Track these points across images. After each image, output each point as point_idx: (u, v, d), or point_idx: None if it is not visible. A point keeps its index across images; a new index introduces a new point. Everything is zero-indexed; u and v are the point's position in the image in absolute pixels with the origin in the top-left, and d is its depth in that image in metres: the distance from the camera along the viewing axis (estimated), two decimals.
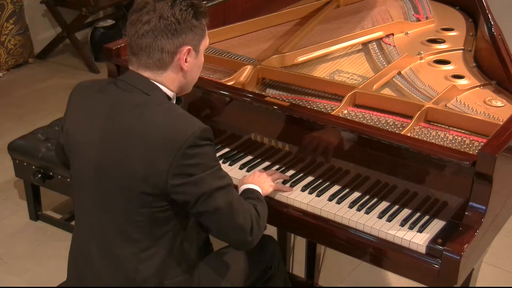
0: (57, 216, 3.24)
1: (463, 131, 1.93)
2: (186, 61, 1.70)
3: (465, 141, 1.88)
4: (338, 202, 1.90)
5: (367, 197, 1.92)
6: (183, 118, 1.65)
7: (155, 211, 1.66)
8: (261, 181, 1.90)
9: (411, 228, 1.79)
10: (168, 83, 1.71)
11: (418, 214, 1.84)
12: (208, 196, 1.63)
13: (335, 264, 2.86)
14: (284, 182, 2.00)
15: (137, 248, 1.70)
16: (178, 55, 1.68)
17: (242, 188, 1.89)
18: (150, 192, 1.63)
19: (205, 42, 1.75)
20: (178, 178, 1.60)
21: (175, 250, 1.73)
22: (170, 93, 1.73)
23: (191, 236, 1.78)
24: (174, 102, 1.77)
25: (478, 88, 2.18)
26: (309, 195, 1.94)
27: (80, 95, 1.78)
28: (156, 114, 1.64)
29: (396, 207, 1.87)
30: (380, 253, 1.79)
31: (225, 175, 1.69)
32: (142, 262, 1.70)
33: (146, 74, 1.70)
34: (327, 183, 1.98)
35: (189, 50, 1.69)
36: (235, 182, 1.89)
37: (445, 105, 2.04)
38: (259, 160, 2.11)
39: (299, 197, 1.93)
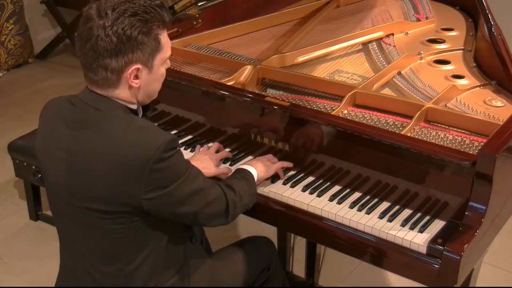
0: None
1: (463, 131, 1.93)
2: (137, 78, 1.60)
3: (465, 141, 1.88)
4: (339, 203, 1.90)
5: (368, 197, 1.92)
6: (145, 133, 1.57)
7: (132, 225, 1.63)
8: (257, 163, 1.94)
9: (412, 228, 1.78)
10: (123, 97, 1.63)
11: (419, 215, 1.83)
12: (185, 201, 1.63)
13: (335, 264, 2.86)
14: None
15: (121, 263, 1.68)
16: (125, 73, 1.58)
17: (237, 167, 1.94)
18: (123, 210, 1.60)
19: (162, 55, 1.63)
20: (152, 192, 1.57)
21: (161, 255, 1.72)
22: (131, 105, 1.66)
23: (175, 236, 1.76)
24: (140, 112, 1.71)
25: (478, 88, 2.18)
26: (310, 195, 1.94)
27: (45, 116, 1.73)
28: (117, 133, 1.57)
29: (397, 207, 1.87)
30: (380, 253, 1.79)
31: (197, 175, 1.66)
32: (129, 276, 1.69)
33: (99, 91, 1.61)
34: (328, 184, 1.98)
35: (137, 69, 1.58)
36: None
37: (445, 105, 2.04)
38: None
39: (299, 198, 1.93)
